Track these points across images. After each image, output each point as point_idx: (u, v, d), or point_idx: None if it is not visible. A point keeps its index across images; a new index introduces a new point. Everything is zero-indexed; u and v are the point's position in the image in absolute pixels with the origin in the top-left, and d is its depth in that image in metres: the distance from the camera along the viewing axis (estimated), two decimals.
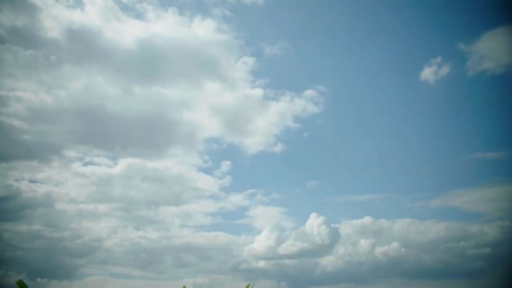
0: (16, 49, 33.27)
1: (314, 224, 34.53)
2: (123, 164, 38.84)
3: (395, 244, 33.29)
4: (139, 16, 40.60)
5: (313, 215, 35.44)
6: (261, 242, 35.18)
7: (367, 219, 36.83)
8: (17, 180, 35.84)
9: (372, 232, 35.80)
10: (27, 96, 35.35)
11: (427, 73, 37.30)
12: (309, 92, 39.65)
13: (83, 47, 36.02)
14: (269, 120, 39.68)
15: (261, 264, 34.69)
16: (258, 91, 40.78)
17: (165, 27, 40.99)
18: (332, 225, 35.10)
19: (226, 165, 39.55)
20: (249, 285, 7.41)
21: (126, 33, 39.41)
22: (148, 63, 38.16)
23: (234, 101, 40.78)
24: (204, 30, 41.04)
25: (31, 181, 36.52)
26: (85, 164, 38.21)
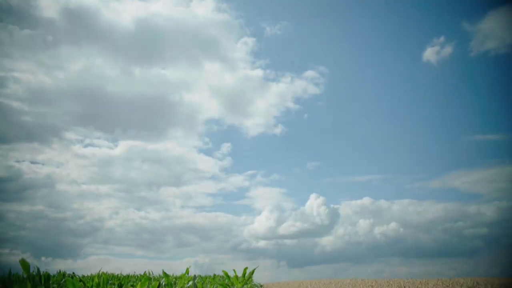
0: (12, 28, 32.82)
1: (314, 204, 34.92)
2: (123, 146, 38.96)
3: (393, 225, 33.75)
4: None
5: (313, 196, 35.79)
6: (261, 222, 35.64)
7: (366, 200, 37.18)
8: (18, 162, 36.09)
9: (371, 212, 36.20)
10: (26, 77, 35.10)
11: (430, 54, 36.85)
12: (310, 73, 39.35)
13: (81, 27, 35.53)
14: (269, 101, 39.53)
15: (261, 244, 35.23)
16: (258, 72, 40.49)
17: (164, 6, 40.31)
18: (332, 205, 35.47)
19: (226, 146, 39.65)
20: (246, 269, 7.55)
21: (125, 12, 38.83)
22: (147, 44, 37.71)
23: (234, 82, 40.56)
24: (203, 10, 40.39)
25: (32, 163, 36.76)
26: (86, 146, 38.32)
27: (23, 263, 2.70)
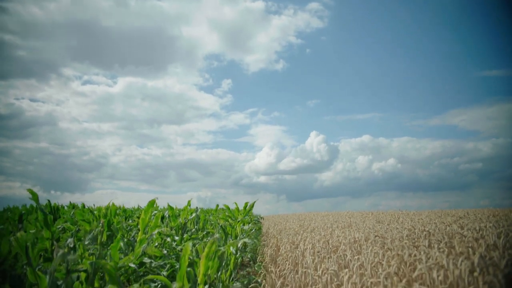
0: None
1: (314, 142, 35.31)
2: (122, 83, 38.44)
3: (391, 161, 34.41)
4: None
5: (313, 134, 36.07)
6: (262, 158, 36.31)
7: (366, 138, 37.53)
8: (17, 99, 35.92)
9: (370, 149, 36.72)
10: (14, 7, 33.53)
11: None
12: (314, 5, 37.38)
13: None
14: (270, 35, 38.07)
15: (262, 179, 36.22)
16: (260, 4, 38.54)
17: None
18: (331, 143, 35.90)
19: (226, 83, 39.04)
20: (247, 203, 7.84)
21: None
22: None
23: (234, 15, 38.78)
24: None
25: (32, 100, 36.62)
26: (84, 83, 37.86)
27: (31, 192, 2.84)
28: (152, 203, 3.06)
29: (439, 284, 1.91)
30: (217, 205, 10.85)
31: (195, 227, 6.66)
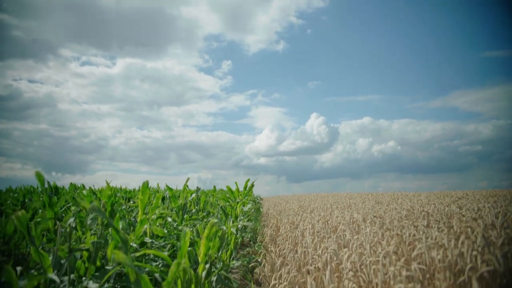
0: None
1: (314, 124, 35.26)
2: (121, 64, 38.14)
3: (391, 143, 34.50)
4: None
5: (313, 115, 36.00)
6: (262, 140, 36.37)
7: (366, 120, 37.50)
8: (15, 80, 35.65)
9: (370, 131, 36.78)
10: None
11: None
12: None
13: None
14: (271, 16, 37.56)
15: (262, 160, 36.38)
16: None
17: None
18: (332, 125, 35.87)
19: (226, 64, 38.72)
20: (247, 181, 7.87)
21: None
22: None
23: None
24: None
25: (30, 81, 36.42)
26: (83, 64, 37.56)
27: (38, 175, 2.84)
28: (146, 184, 3.08)
29: (438, 263, 1.93)
30: (214, 187, 10.88)
31: (196, 207, 6.71)
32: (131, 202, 7.09)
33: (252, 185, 7.87)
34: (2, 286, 1.79)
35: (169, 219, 4.87)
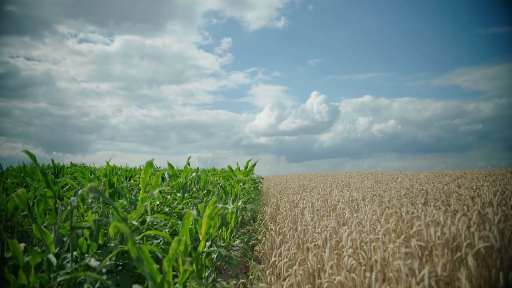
0: None
1: (315, 102, 35.10)
2: (120, 41, 37.60)
3: (391, 122, 34.44)
4: None
5: (313, 94, 35.78)
6: (262, 119, 36.27)
7: (366, 98, 37.30)
8: (12, 57, 35.21)
9: (370, 110, 36.65)
10: None
11: None
12: None
13: None
14: None
15: (262, 140, 36.41)
16: None
17: None
18: (332, 103, 35.70)
19: (226, 42, 38.17)
20: (249, 161, 7.90)
21: None
22: None
23: None
24: None
25: (28, 59, 35.99)
26: (80, 41, 37.04)
27: (29, 153, 2.85)
28: (150, 163, 3.09)
29: (436, 240, 1.95)
30: (213, 168, 10.92)
31: (196, 186, 6.76)
32: (132, 181, 7.13)
33: (254, 165, 7.90)
34: (8, 260, 1.82)
35: (169, 197, 4.90)
